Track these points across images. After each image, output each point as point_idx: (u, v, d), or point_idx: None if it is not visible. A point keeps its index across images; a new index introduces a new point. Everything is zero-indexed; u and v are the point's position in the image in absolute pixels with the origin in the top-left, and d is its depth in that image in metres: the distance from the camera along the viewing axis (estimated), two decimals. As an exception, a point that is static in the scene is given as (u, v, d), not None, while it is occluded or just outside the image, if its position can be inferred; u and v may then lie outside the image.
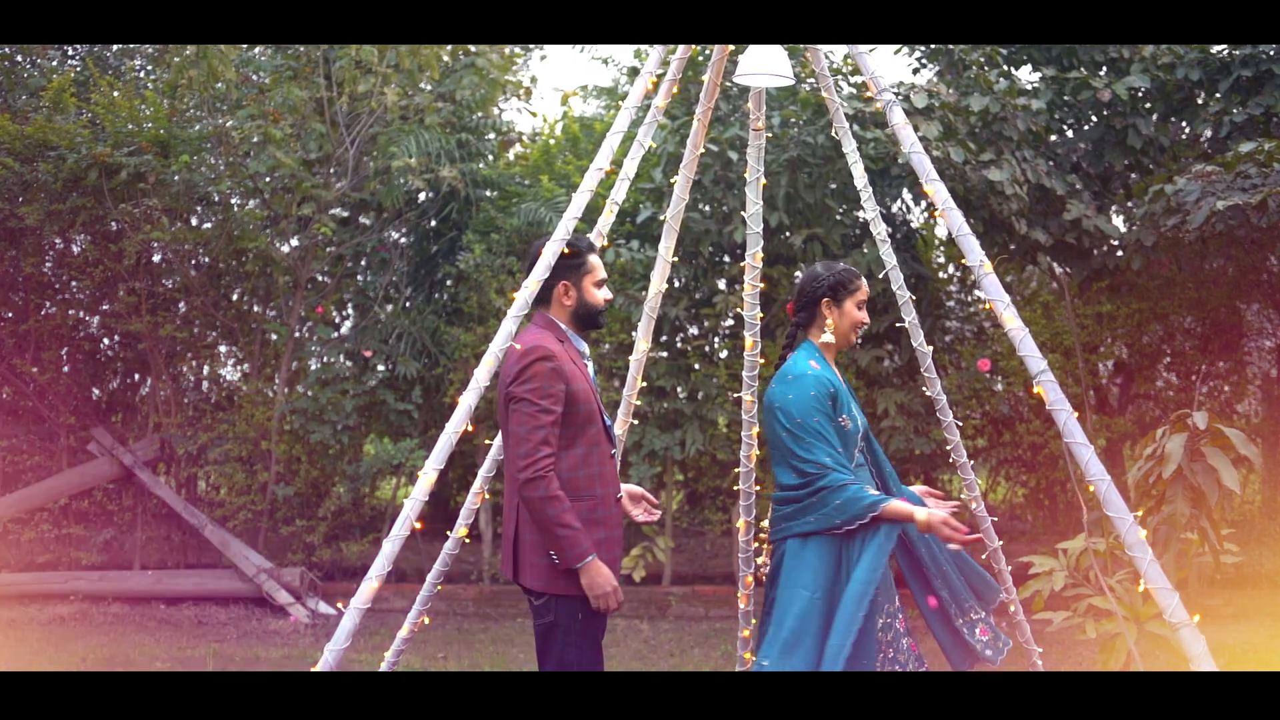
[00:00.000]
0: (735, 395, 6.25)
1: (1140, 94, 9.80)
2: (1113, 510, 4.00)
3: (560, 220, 4.63)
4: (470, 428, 4.65)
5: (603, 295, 4.41)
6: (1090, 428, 9.60)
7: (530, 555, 4.13)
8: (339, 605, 9.56)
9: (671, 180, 8.99)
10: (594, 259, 4.41)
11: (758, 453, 6.16)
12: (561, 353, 4.16)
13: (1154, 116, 9.91)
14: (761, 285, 5.89)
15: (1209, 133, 9.77)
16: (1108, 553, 6.54)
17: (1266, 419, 10.82)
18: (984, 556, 5.86)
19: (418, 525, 4.43)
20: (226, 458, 10.32)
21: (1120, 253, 9.68)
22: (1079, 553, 6.71)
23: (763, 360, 6.17)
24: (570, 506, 4.01)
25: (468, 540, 5.38)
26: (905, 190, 10.33)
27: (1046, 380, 4.16)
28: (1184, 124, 10.51)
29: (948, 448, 5.61)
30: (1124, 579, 6.36)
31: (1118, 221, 10.19)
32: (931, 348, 5.59)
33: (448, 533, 5.24)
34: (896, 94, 9.35)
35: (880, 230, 5.39)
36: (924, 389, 5.59)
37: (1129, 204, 10.36)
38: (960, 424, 5.85)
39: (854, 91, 9.42)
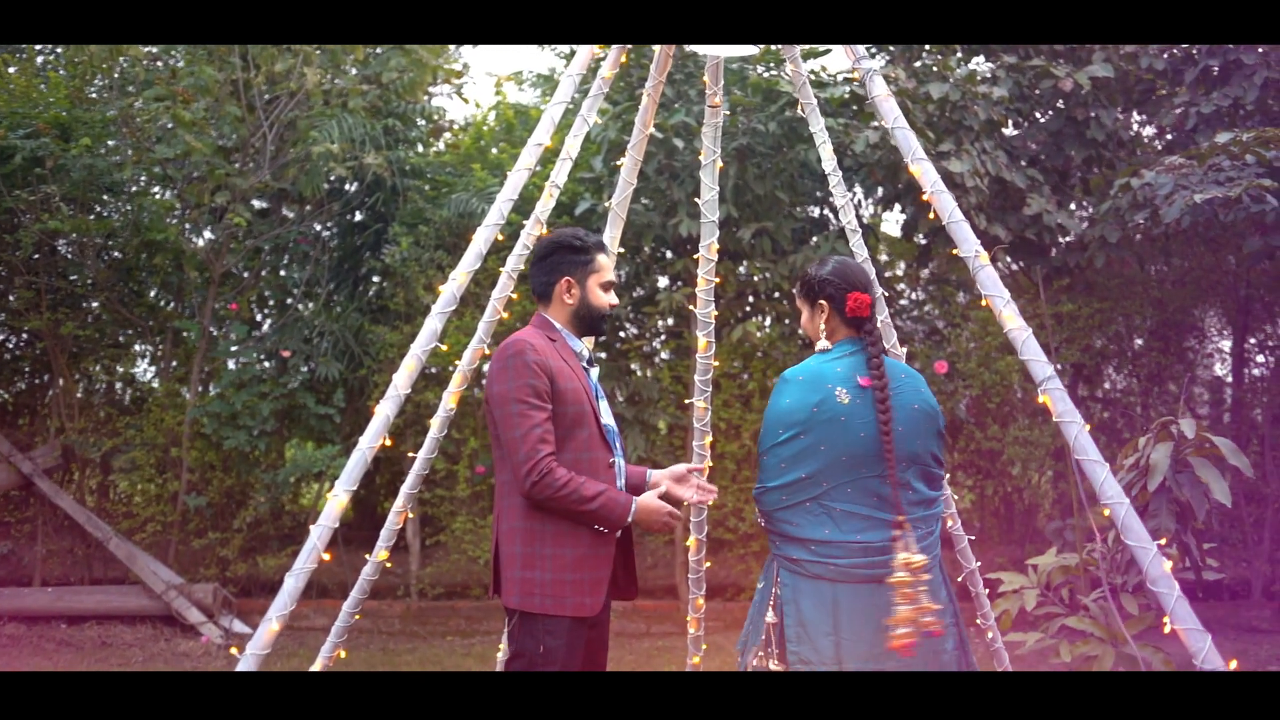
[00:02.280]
0: (687, 401, 5.75)
1: (1100, 85, 9.40)
2: (1132, 538, 3.49)
3: (494, 204, 4.06)
4: (388, 441, 4.06)
5: (609, 299, 4.00)
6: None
7: (507, 569, 3.77)
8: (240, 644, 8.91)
9: (617, 164, 8.43)
10: (603, 259, 3.99)
11: (710, 464, 5.64)
12: (546, 348, 3.78)
13: (1117, 108, 9.52)
14: (716, 280, 5.33)
15: (1173, 125, 9.38)
16: (1080, 568, 6.14)
17: (1217, 421, 10.50)
18: (960, 579, 5.37)
19: (326, 556, 3.83)
20: (133, 465, 9.62)
21: (1085, 250, 9.26)
22: (1050, 569, 6.31)
23: (716, 363, 5.63)
24: (585, 480, 3.69)
25: (389, 565, 4.80)
26: (857, 185, 9.89)
27: (1053, 388, 3.64)
28: (1144, 116, 10.15)
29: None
30: (1100, 597, 5.99)
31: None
32: (906, 349, 5.08)
33: (365, 556, 4.66)
34: (851, 78, 8.90)
35: (850, 219, 4.86)
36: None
37: (1086, 199, 10.00)
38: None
39: (809, 75, 8.90)
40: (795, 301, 4.03)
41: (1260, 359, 10.78)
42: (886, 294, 9.13)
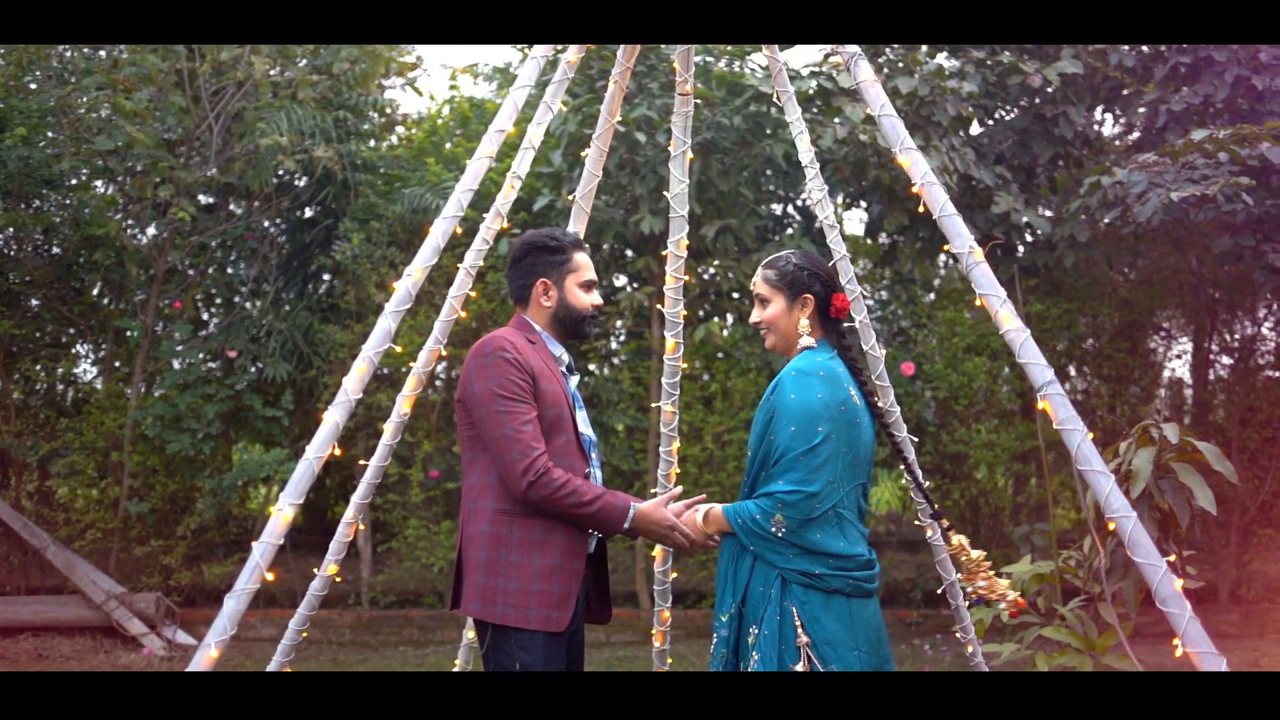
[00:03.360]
0: (653, 405, 5.51)
1: (1068, 81, 9.22)
2: (1141, 554, 3.28)
3: (452, 194, 3.80)
4: (337, 451, 3.77)
5: (590, 299, 3.78)
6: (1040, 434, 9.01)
7: (469, 575, 3.53)
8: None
9: (581, 155, 8.17)
10: (581, 256, 3.78)
11: (676, 470, 5.39)
12: (525, 347, 3.58)
13: (1084, 105, 9.35)
14: (686, 278, 5.08)
15: (1142, 123, 9.22)
16: (1055, 576, 5.96)
17: (1176, 423, 10.39)
18: (939, 590, 5.18)
19: (270, 576, 3.54)
20: (72, 470, 9.25)
21: (1053, 249, 9.09)
22: (1025, 578, 6.14)
23: (685, 365, 5.37)
24: (582, 481, 3.51)
25: (338, 580, 4.51)
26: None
27: (1054, 394, 3.41)
28: (1111, 113, 10.00)
29: (902, 468, 4.88)
30: (1077, 607, 5.82)
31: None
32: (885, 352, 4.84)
33: (314, 570, 4.37)
34: (818, 72, 8.68)
35: (829, 213, 4.63)
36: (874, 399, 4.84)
37: (1052, 198, 9.84)
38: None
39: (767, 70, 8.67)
40: (760, 289, 3.74)
41: (1225, 360, 10.68)
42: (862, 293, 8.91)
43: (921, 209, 3.83)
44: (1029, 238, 9.25)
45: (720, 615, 3.56)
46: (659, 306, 5.15)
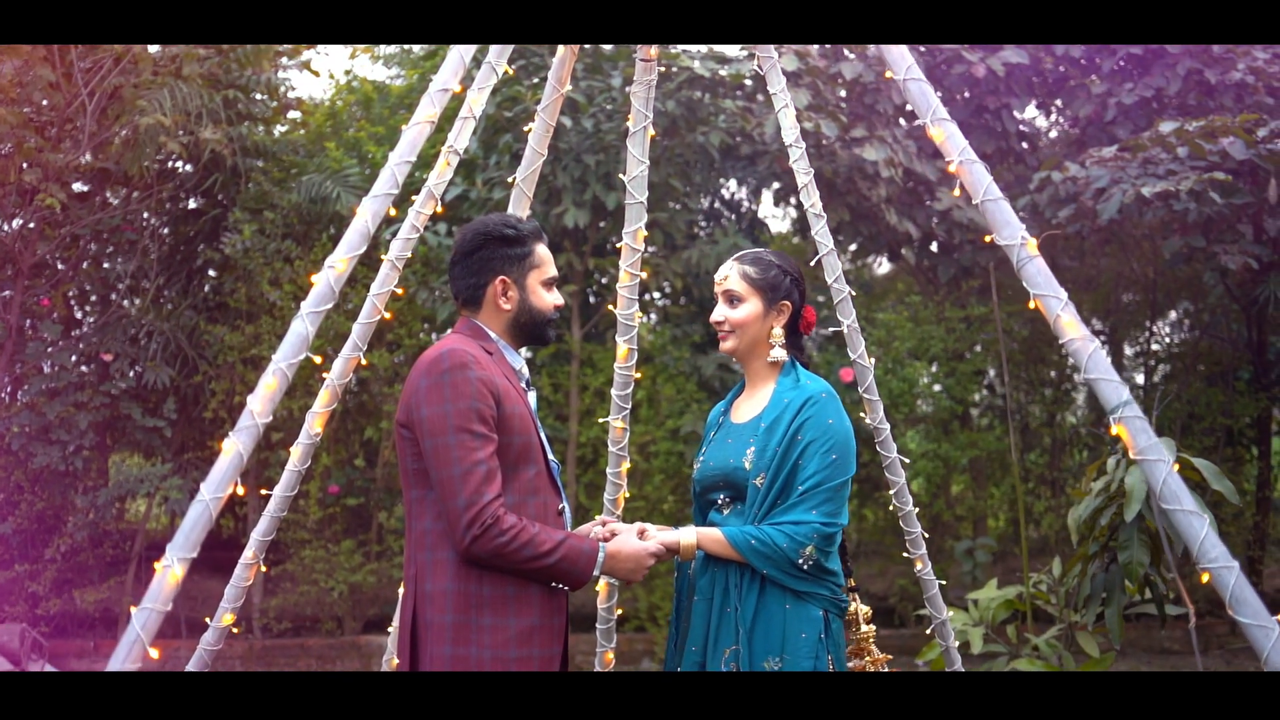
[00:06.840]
0: (601, 420, 5.04)
1: (1011, 73, 8.82)
2: (1248, 614, 2.70)
3: (386, 169, 3.15)
4: (240, 489, 3.07)
5: (553, 299, 3.29)
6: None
7: (431, 644, 3.01)
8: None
9: (497, 140, 7.57)
10: (543, 249, 3.29)
11: (626, 494, 4.78)
12: (488, 363, 3.04)
13: (1027, 98, 8.98)
14: (643, 275, 4.44)
15: (1089, 117, 8.84)
16: (1025, 602, 5.53)
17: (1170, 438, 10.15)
18: (928, 631, 4.65)
19: (154, 653, 2.84)
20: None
21: (995, 249, 8.67)
22: (993, 605, 5.71)
23: (638, 375, 4.74)
24: (540, 527, 2.99)
25: (236, 631, 3.81)
26: (750, 177, 9.17)
27: (1132, 416, 2.83)
28: (1052, 107, 9.65)
29: (891, 492, 4.36)
30: (1052, 637, 5.40)
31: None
32: (873, 362, 4.26)
33: (197, 591, 3.67)
34: (753, 53, 8.14)
35: (814, 200, 4.04)
36: (862, 415, 4.28)
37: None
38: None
39: (708, 50, 8.10)
40: (735, 286, 3.37)
41: (1163, 366, 10.43)
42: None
43: (957, 191, 3.25)
44: (971, 238, 8.86)
45: (723, 664, 3.21)
46: (611, 308, 4.53)
